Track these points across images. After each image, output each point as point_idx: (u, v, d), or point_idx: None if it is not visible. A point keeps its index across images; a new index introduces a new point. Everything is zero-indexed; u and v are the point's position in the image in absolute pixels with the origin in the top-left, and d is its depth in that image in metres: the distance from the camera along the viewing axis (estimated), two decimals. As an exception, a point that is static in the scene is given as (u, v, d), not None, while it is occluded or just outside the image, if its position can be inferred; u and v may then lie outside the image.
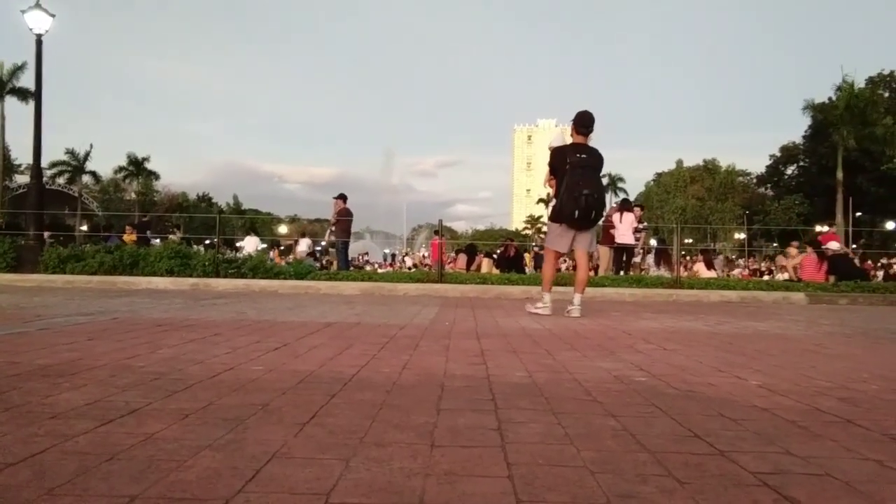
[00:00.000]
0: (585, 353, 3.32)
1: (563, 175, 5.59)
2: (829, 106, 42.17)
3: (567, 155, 5.62)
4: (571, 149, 5.69)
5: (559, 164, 5.67)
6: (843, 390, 2.47)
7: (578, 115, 5.86)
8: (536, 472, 1.39)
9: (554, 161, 5.77)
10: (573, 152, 5.63)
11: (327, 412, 1.88)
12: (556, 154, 5.76)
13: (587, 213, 5.55)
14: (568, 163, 5.57)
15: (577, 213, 5.51)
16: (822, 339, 4.33)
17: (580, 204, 5.47)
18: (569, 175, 5.52)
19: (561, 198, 5.56)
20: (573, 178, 5.50)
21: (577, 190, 5.47)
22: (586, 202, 5.49)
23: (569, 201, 5.49)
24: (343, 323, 4.60)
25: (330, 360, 2.87)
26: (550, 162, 5.85)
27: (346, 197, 14.03)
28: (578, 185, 5.48)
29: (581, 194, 5.46)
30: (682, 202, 61.86)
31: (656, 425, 1.84)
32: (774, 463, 1.51)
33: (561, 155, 5.68)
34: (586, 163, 5.62)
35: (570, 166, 5.55)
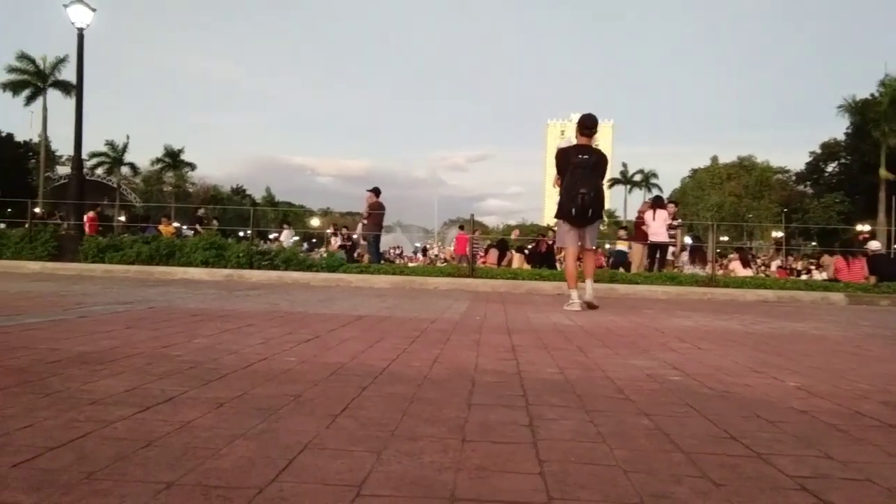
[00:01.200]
0: (618, 351, 3.28)
1: (567, 175, 5.90)
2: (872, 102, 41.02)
3: (570, 156, 5.93)
4: (574, 150, 5.99)
5: (563, 165, 5.97)
6: (884, 394, 2.41)
7: (582, 117, 6.19)
8: (568, 469, 1.38)
9: (558, 162, 6.06)
10: (575, 153, 5.93)
11: (359, 404, 1.89)
12: (560, 155, 6.07)
13: (584, 211, 5.85)
14: (570, 163, 5.87)
15: (574, 210, 5.84)
16: (861, 341, 4.22)
17: (577, 202, 5.78)
18: (569, 175, 5.85)
19: (561, 197, 5.88)
20: (572, 178, 5.82)
21: (574, 189, 5.79)
22: (582, 201, 5.78)
23: (567, 200, 5.83)
24: (374, 316, 4.63)
25: (361, 352, 2.89)
26: (557, 164, 6.12)
27: (380, 190, 14.06)
28: (576, 185, 5.79)
29: (578, 193, 5.76)
30: (717, 199, 60.81)
31: (690, 425, 1.81)
32: (813, 467, 1.48)
33: (564, 156, 5.98)
34: (587, 163, 5.89)
35: (571, 166, 5.86)
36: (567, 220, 5.96)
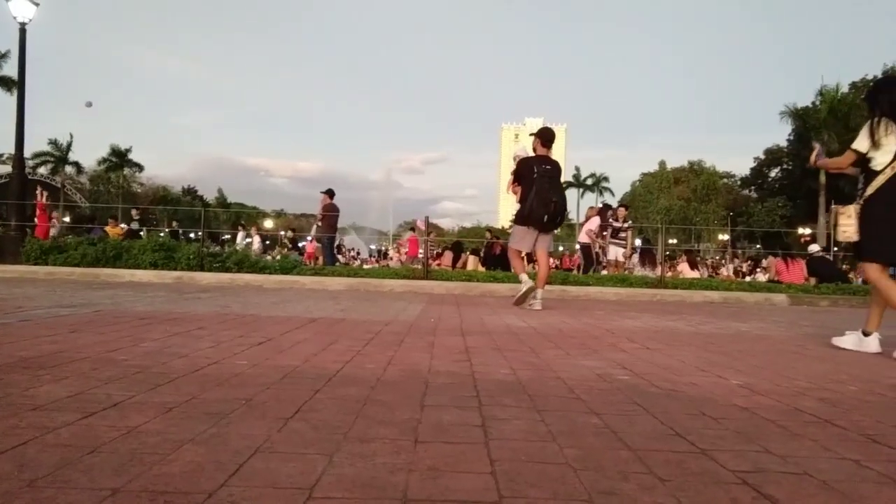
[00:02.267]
0: (569, 352, 3.34)
1: (531, 183, 6.17)
2: (812, 110, 42.63)
3: (534, 165, 6.24)
4: (537, 160, 6.32)
5: (527, 174, 6.25)
6: (821, 391, 2.51)
7: (543, 130, 6.55)
8: (519, 468, 1.40)
9: (521, 170, 6.35)
10: (540, 163, 6.26)
11: (311, 407, 1.88)
12: (523, 164, 6.36)
13: (554, 217, 6.25)
14: (535, 173, 6.17)
15: (547, 217, 6.18)
16: (802, 341, 4.38)
17: (549, 209, 6.14)
18: (537, 184, 6.13)
19: (530, 203, 6.13)
20: (542, 187, 6.12)
21: (546, 197, 6.11)
22: (555, 208, 6.18)
23: (539, 207, 6.11)
24: (328, 318, 4.60)
25: (314, 355, 2.87)
26: (516, 171, 6.44)
27: (334, 192, 13.98)
28: (548, 194, 6.13)
29: (550, 201, 6.13)
30: (666, 203, 62.24)
31: (638, 423, 1.86)
32: (754, 461, 1.53)
33: (528, 165, 6.28)
34: (552, 174, 6.27)
35: (537, 176, 6.16)
36: (535, 225, 6.26)
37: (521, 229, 6.37)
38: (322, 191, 14.07)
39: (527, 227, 6.31)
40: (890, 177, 3.82)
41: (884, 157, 3.84)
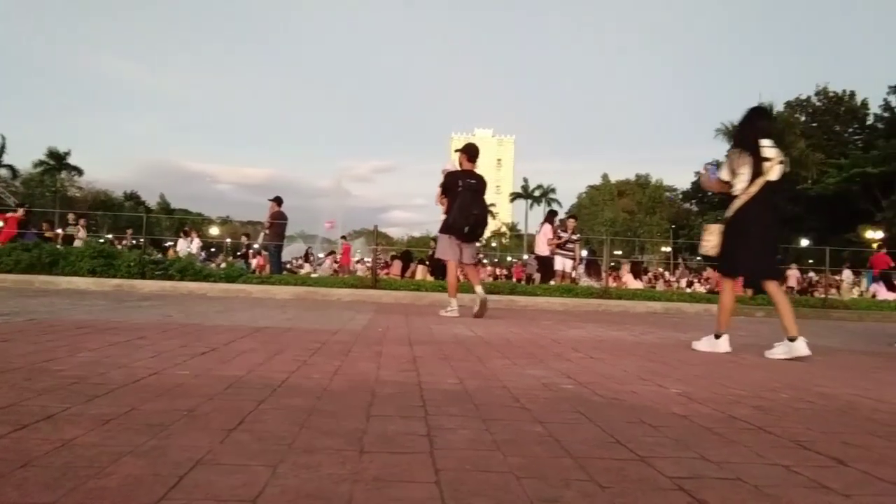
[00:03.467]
0: (516, 361, 3.38)
1: (456, 196, 6.50)
2: (749, 127, 44.17)
3: (459, 179, 6.57)
4: (463, 174, 6.65)
5: (452, 186, 6.56)
6: (756, 399, 2.61)
7: (470, 146, 6.89)
8: (464, 477, 1.42)
9: (447, 183, 6.65)
10: (465, 177, 6.60)
11: (255, 418, 1.86)
12: (449, 177, 6.66)
13: (474, 229, 6.59)
14: (460, 186, 6.50)
15: (467, 228, 6.52)
16: (739, 350, 4.53)
17: (470, 221, 6.48)
18: (461, 197, 6.46)
19: (453, 215, 6.45)
20: (465, 200, 6.46)
21: (468, 210, 6.46)
22: (475, 220, 6.53)
23: (460, 218, 6.44)
24: (274, 328, 4.53)
25: (260, 365, 2.83)
26: (443, 184, 6.73)
27: (282, 200, 13.81)
28: (470, 206, 6.47)
29: (471, 214, 6.47)
30: (611, 215, 63.57)
31: (581, 431, 1.90)
32: (690, 468, 1.58)
33: (454, 179, 6.60)
34: (476, 187, 6.60)
35: (462, 189, 6.49)
36: (457, 235, 6.58)
37: (445, 238, 6.69)
38: (270, 198, 13.89)
39: (450, 236, 6.63)
40: (745, 201, 4.26)
41: (740, 183, 4.29)
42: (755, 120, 4.45)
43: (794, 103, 57.57)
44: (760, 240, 4.30)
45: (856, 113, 57.63)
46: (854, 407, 2.55)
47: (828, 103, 58.16)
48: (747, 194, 4.24)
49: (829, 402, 2.62)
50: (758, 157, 4.24)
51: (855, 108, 57.69)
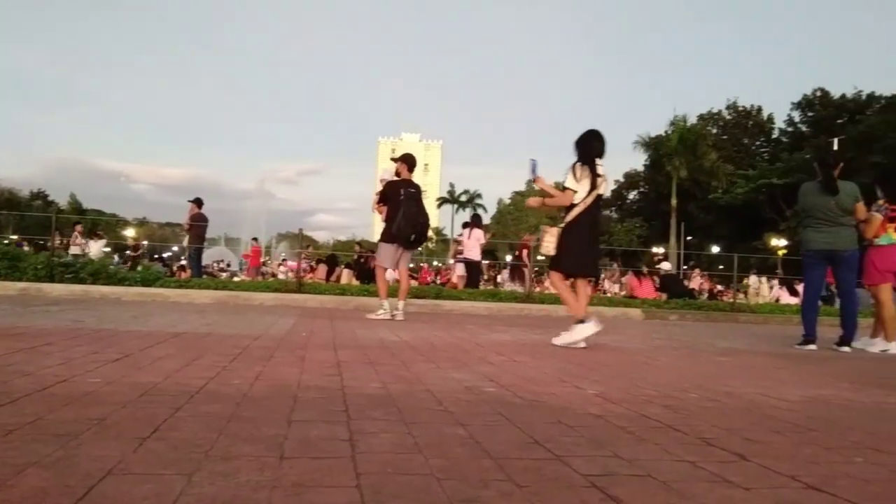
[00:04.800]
0: (439, 365, 3.41)
1: (398, 205, 6.66)
2: (664, 138, 46.02)
3: (401, 188, 6.75)
4: (404, 183, 6.83)
5: (394, 196, 6.73)
6: (667, 399, 2.73)
7: (409, 156, 7.11)
8: (385, 480, 1.42)
9: (389, 193, 6.83)
10: (406, 186, 6.79)
11: (171, 426, 1.81)
12: (391, 186, 6.85)
13: (420, 237, 6.85)
14: (402, 195, 6.68)
15: (414, 237, 6.74)
16: (653, 352, 4.73)
17: (417, 230, 6.71)
18: (405, 206, 6.64)
19: (398, 223, 6.61)
20: (410, 209, 6.65)
21: (415, 219, 6.66)
22: (422, 229, 6.80)
23: (406, 227, 6.62)
24: (193, 333, 4.40)
25: (176, 371, 2.75)
26: (383, 192, 6.90)
27: (202, 201, 13.42)
28: (415, 215, 6.68)
29: (418, 223, 6.70)
30: (535, 220, 64.81)
31: (501, 433, 1.94)
32: (603, 465, 1.65)
33: (395, 188, 6.78)
34: (416, 196, 6.81)
35: (404, 198, 6.67)
36: (402, 243, 6.71)
37: (389, 247, 6.80)
38: (190, 199, 13.48)
39: (394, 244, 6.75)
40: (583, 210, 4.78)
41: (580, 194, 4.79)
42: (593, 141, 4.94)
43: (707, 116, 60.34)
44: (590, 243, 4.96)
45: (762, 127, 60.95)
46: (756, 405, 2.70)
47: (737, 117, 61.27)
48: (584, 204, 4.79)
49: (734, 401, 2.76)
50: (594, 173, 4.79)
51: (762, 122, 60.99)
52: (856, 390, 3.33)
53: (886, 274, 5.93)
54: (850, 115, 48.53)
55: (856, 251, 5.81)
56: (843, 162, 5.90)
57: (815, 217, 5.77)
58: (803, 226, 5.95)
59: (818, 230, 5.77)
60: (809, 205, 5.80)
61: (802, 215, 5.94)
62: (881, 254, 5.90)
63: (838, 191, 5.65)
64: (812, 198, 5.79)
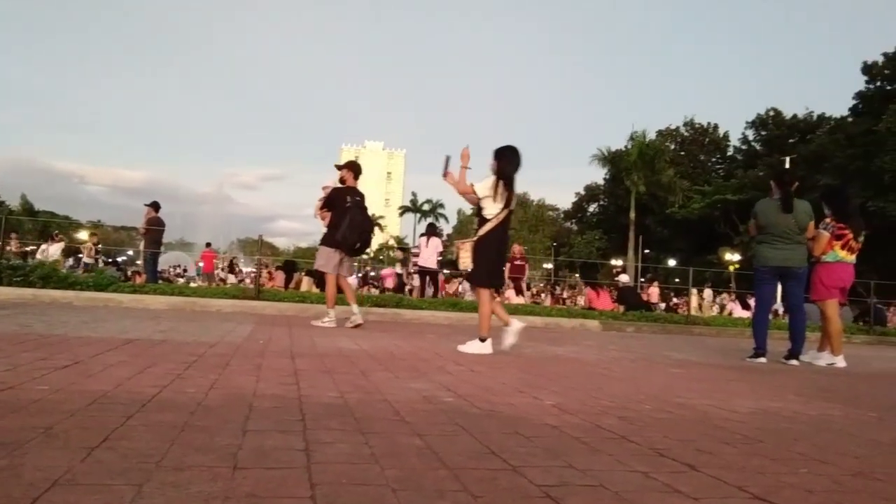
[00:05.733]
0: (398, 374, 3.40)
1: (345, 212, 6.72)
2: (624, 153, 46.83)
3: (347, 195, 6.84)
4: (350, 191, 6.92)
5: (340, 203, 6.82)
6: (622, 410, 2.77)
7: (355, 164, 7.21)
8: (339, 491, 1.42)
9: (335, 199, 6.92)
10: (352, 195, 6.87)
11: (121, 435, 1.77)
12: (337, 193, 6.95)
13: (365, 244, 6.99)
14: (348, 203, 6.76)
15: (360, 245, 6.87)
16: (609, 363, 4.80)
17: (362, 238, 6.80)
18: (351, 213, 6.71)
19: (344, 231, 6.65)
20: (356, 217, 6.73)
21: (361, 227, 6.74)
22: (367, 237, 6.90)
23: (352, 234, 6.67)
24: (147, 340, 4.31)
25: (128, 379, 2.69)
26: (329, 199, 7.00)
27: (159, 205, 13.17)
28: (361, 223, 6.76)
29: (364, 231, 6.79)
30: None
31: (458, 443, 1.95)
32: (558, 476, 1.67)
33: (342, 195, 6.88)
34: (362, 204, 6.94)
35: (350, 205, 6.75)
36: (346, 250, 6.80)
37: (330, 252, 6.83)
38: (147, 203, 13.20)
39: (336, 250, 6.80)
40: (496, 224, 4.95)
41: (495, 209, 4.95)
42: (509, 156, 5.04)
43: (665, 132, 61.71)
44: (499, 256, 5.19)
45: (718, 144, 62.59)
46: (708, 416, 2.76)
47: (694, 134, 62.80)
48: (497, 219, 4.96)
49: (686, 413, 2.82)
50: (511, 190, 4.97)
51: (718, 139, 62.64)
52: (802, 403, 3.43)
53: (833, 290, 6.12)
54: (802, 135, 50.19)
55: (807, 268, 6.01)
56: (798, 181, 6.11)
57: (773, 234, 5.93)
58: (757, 241, 6.11)
59: (774, 246, 5.94)
60: (769, 222, 5.96)
61: (759, 232, 6.08)
62: (828, 270, 6.10)
63: (793, 209, 5.83)
64: (771, 216, 5.95)
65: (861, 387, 4.53)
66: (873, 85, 44.87)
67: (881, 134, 38.20)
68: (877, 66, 44.29)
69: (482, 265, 5.01)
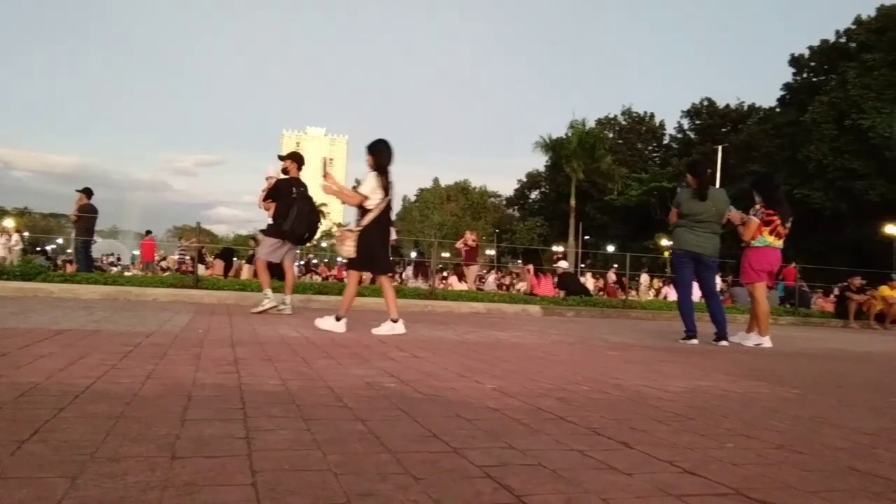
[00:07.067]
0: (341, 361, 3.39)
1: (291, 203, 6.77)
2: (564, 141, 47.47)
3: (293, 186, 6.89)
4: (294, 182, 6.95)
5: (286, 193, 6.85)
6: (561, 391, 2.84)
7: (298, 155, 7.25)
8: (281, 477, 1.42)
9: (281, 189, 6.93)
10: (297, 185, 6.92)
11: (53, 427, 1.72)
12: (283, 184, 6.96)
13: (312, 234, 7.14)
14: (294, 193, 6.81)
15: (308, 235, 7.03)
16: (550, 347, 4.90)
17: (312, 229, 6.94)
18: (298, 204, 6.77)
19: (292, 221, 6.73)
20: (303, 208, 6.79)
21: (308, 217, 6.83)
22: (315, 227, 7.00)
23: (300, 225, 6.78)
24: (79, 330, 4.17)
25: (60, 370, 2.60)
26: (273, 189, 7.01)
27: (92, 191, 12.68)
28: (308, 214, 6.84)
29: (311, 221, 6.89)
30: (440, 218, 65.35)
31: (400, 427, 1.97)
32: (498, 456, 1.71)
33: (288, 185, 6.91)
34: (307, 195, 7.01)
35: (297, 196, 6.81)
36: (293, 240, 6.88)
37: (275, 242, 6.86)
38: (78, 189, 12.69)
39: (282, 240, 6.84)
40: (377, 214, 5.21)
41: (375, 200, 5.20)
42: (383, 149, 5.34)
43: (604, 121, 62.82)
44: (384, 243, 5.41)
45: (655, 132, 64.16)
46: (642, 396, 2.86)
47: (632, 123, 64.16)
48: (378, 209, 5.21)
49: (622, 393, 2.92)
50: (387, 181, 5.25)
51: (654, 128, 64.20)
52: (731, 381, 3.59)
53: (761, 273, 6.39)
54: (734, 125, 51.97)
55: (717, 259, 6.37)
56: (710, 170, 6.41)
57: (693, 220, 6.17)
58: (677, 226, 6.35)
59: (692, 231, 6.19)
60: (690, 210, 6.19)
61: (680, 219, 6.31)
62: (757, 255, 6.35)
63: (708, 197, 6.10)
64: (693, 204, 6.19)
65: (785, 365, 4.76)
66: (800, 77, 46.69)
67: (806, 124, 39.86)
68: (803, 59, 46.09)
69: (366, 253, 5.25)
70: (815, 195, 38.40)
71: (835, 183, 37.89)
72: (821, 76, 44.80)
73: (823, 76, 44.38)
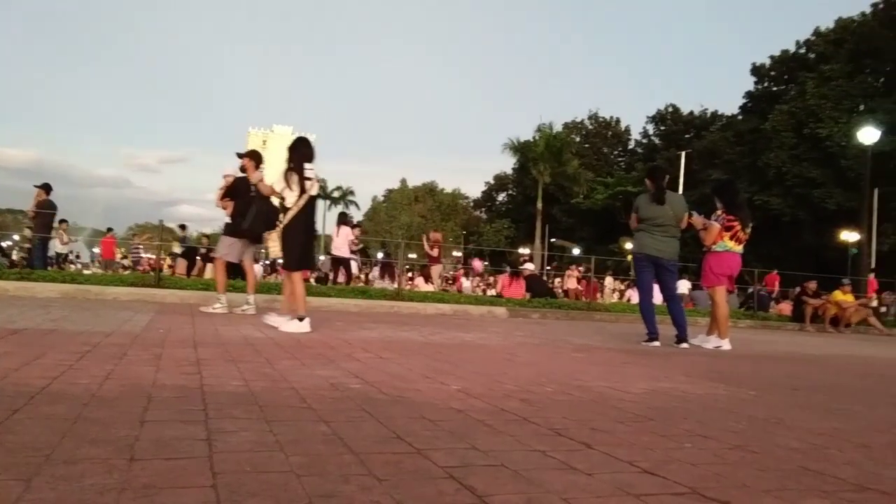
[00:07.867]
0: (305, 362, 3.37)
1: (248, 201, 6.72)
2: (532, 144, 47.82)
3: (251, 185, 6.76)
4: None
5: (244, 192, 6.81)
6: (525, 393, 2.87)
7: (256, 153, 7.17)
8: (242, 479, 1.41)
9: (240, 188, 6.89)
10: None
11: (7, 429, 1.68)
12: (242, 182, 6.90)
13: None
14: (253, 192, 6.72)
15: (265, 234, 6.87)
16: (514, 349, 4.93)
17: (269, 227, 6.63)
18: (257, 204, 6.69)
19: (251, 220, 6.64)
20: (262, 207, 6.67)
21: (266, 216, 6.60)
22: (274, 226, 6.75)
23: (258, 224, 6.60)
24: (35, 329, 4.07)
25: (15, 370, 2.54)
26: (231, 188, 6.94)
27: (51, 187, 12.39)
28: (267, 213, 6.61)
29: (270, 220, 6.59)
30: (407, 219, 65.30)
31: (364, 429, 1.97)
32: (461, 457, 1.72)
33: (244, 185, 6.85)
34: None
35: (255, 195, 6.71)
36: (252, 239, 6.84)
37: (233, 241, 6.87)
38: (37, 185, 12.39)
39: (241, 239, 6.84)
40: (297, 212, 5.27)
41: (292, 197, 5.27)
42: (301, 148, 5.42)
43: (571, 125, 63.41)
44: (307, 240, 5.52)
45: (620, 137, 64.97)
46: (604, 397, 2.90)
47: (598, 127, 64.90)
48: (297, 206, 5.26)
49: (585, 394, 2.96)
50: (303, 177, 5.26)
51: (620, 133, 65.02)
52: (691, 383, 3.66)
53: (721, 277, 6.52)
54: (697, 131, 52.88)
55: (677, 263, 6.48)
56: (668, 175, 6.57)
57: (653, 224, 6.29)
58: (638, 229, 6.46)
59: (652, 235, 6.31)
60: (649, 215, 6.31)
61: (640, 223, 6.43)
62: (717, 259, 6.49)
63: (665, 202, 6.23)
64: (651, 209, 6.31)
65: (744, 368, 4.87)
66: (761, 85, 47.75)
67: (767, 132, 40.77)
68: (764, 68, 47.14)
69: (292, 251, 5.36)
70: (775, 202, 39.29)
71: (793, 190, 38.80)
72: (781, 85, 45.88)
73: (783, 85, 45.45)
